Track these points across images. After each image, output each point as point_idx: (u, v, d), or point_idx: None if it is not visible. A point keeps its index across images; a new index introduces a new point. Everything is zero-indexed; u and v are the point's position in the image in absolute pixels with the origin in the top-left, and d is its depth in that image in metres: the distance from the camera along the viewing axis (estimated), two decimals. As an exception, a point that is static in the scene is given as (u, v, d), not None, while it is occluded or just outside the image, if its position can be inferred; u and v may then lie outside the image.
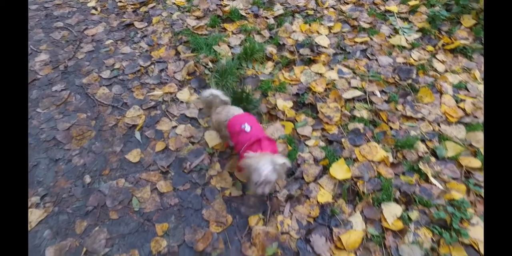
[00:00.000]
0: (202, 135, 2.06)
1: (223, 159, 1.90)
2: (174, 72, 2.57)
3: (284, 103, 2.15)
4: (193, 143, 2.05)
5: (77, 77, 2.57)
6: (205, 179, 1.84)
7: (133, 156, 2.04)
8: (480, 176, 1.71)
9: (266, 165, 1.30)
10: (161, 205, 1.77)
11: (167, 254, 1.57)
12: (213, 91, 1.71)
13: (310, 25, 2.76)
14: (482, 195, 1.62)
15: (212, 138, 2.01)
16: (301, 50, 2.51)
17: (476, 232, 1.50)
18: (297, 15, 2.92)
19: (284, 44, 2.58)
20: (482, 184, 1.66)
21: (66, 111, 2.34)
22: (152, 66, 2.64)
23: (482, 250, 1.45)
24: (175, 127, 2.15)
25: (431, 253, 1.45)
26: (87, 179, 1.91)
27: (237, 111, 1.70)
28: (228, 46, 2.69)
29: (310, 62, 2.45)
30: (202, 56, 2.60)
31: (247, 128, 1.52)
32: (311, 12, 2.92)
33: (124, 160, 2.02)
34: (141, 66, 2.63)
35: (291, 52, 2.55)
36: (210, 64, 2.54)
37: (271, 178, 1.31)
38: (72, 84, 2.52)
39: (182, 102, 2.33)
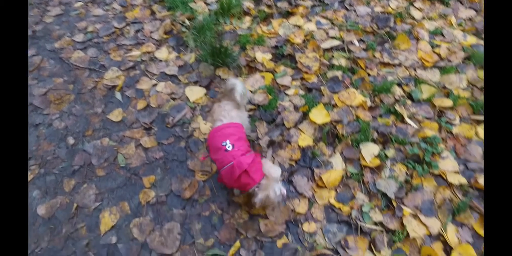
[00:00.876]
0: (183, 91, 1.67)
1: (205, 112, 1.57)
2: (151, 32, 2.05)
3: (263, 56, 1.75)
4: (174, 99, 1.67)
5: (48, 42, 2.01)
6: (188, 132, 1.53)
7: (115, 115, 1.67)
8: (451, 115, 1.47)
9: (275, 192, 1.00)
10: (146, 159, 1.47)
11: (155, 204, 1.34)
12: (238, 85, 1.19)
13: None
14: (452, 131, 1.41)
15: (193, 93, 1.64)
16: (279, 4, 2.01)
17: (445, 164, 1.31)
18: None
19: (261, -1, 2.14)
20: (453, 122, 1.43)
21: (40, 76, 1.84)
22: (128, 27, 2.09)
23: (449, 179, 1.27)
24: (155, 85, 1.73)
25: (405, 185, 1.27)
26: (70, 140, 1.56)
27: (227, 118, 1.18)
28: (205, 3, 2.13)
29: (288, 15, 1.97)
30: (179, 14, 2.06)
31: (229, 146, 1.09)
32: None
33: (107, 120, 1.65)
34: (115, 28, 2.06)
35: (269, 6, 2.04)
36: (187, 22, 2.04)
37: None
38: (44, 49, 1.97)
39: (161, 60, 1.87)
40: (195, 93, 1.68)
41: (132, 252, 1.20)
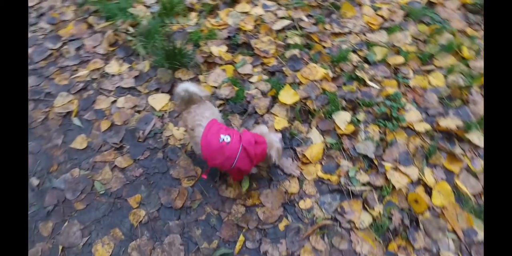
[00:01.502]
0: (146, 102, 1.58)
1: (174, 118, 1.51)
2: (94, 47, 1.90)
3: (218, 49, 1.70)
4: (139, 111, 1.56)
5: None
6: (162, 141, 1.46)
7: (79, 143, 1.54)
8: (405, 70, 1.56)
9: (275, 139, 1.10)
10: (126, 179, 1.38)
11: (149, 221, 1.28)
12: (189, 87, 1.13)
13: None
14: (410, 85, 1.51)
15: (156, 101, 1.56)
16: (221, -7, 2.05)
17: (410, 115, 1.41)
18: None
19: (202, -9, 2.05)
20: (408, 76, 1.53)
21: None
22: (66, 46, 1.89)
23: (416, 128, 1.37)
24: (114, 101, 1.61)
25: (381, 143, 1.35)
26: (35, 181, 1.39)
27: (206, 112, 1.14)
28: (144, 5, 1.99)
29: (233, 3, 1.91)
30: (120, 23, 1.91)
31: (227, 138, 1.05)
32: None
33: (71, 150, 1.51)
34: (51, 49, 1.86)
35: None
36: (131, 29, 1.91)
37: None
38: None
39: (113, 75, 1.74)
40: (159, 101, 1.60)
41: (138, 276, 1.17)
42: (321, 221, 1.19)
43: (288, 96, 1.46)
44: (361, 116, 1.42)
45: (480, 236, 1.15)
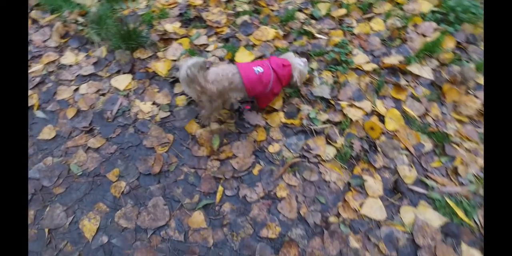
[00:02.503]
0: (109, 84, 1.60)
1: (139, 94, 1.55)
2: (44, 41, 1.87)
3: (172, 26, 1.73)
4: (103, 94, 1.58)
5: None
6: (131, 117, 1.49)
7: (47, 133, 1.54)
8: (348, 20, 1.70)
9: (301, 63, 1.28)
10: (102, 158, 1.40)
11: (130, 191, 1.33)
12: (189, 63, 1.09)
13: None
14: (354, 32, 1.65)
15: (119, 82, 1.58)
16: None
17: (358, 58, 1.55)
18: None
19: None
20: (352, 25, 1.68)
21: None
22: None
23: (365, 68, 1.51)
24: (77, 89, 1.61)
25: (335, 85, 1.48)
26: None
27: (228, 66, 1.26)
28: None
29: None
30: (67, 14, 1.89)
31: (260, 69, 1.23)
32: None
33: (39, 142, 1.50)
34: None
35: None
36: (81, 19, 1.94)
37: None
38: None
39: (71, 65, 1.73)
40: (122, 82, 1.63)
41: (129, 240, 1.19)
42: (291, 160, 1.30)
43: (243, 56, 1.55)
44: (314, 65, 1.54)
45: (427, 148, 1.32)
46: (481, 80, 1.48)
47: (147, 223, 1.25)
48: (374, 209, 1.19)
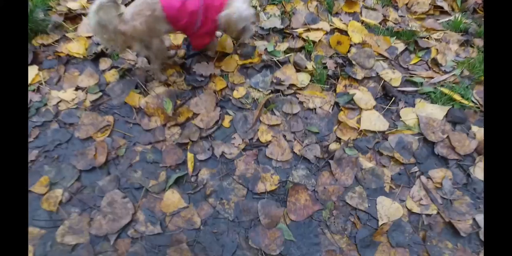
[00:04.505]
0: None
1: (54, 84, 1.35)
2: None
3: (77, 3, 1.66)
4: None
5: None
6: (51, 112, 1.27)
7: None
8: None
9: (241, 3, 1.11)
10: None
11: (72, 197, 1.08)
12: (95, 6, 1.02)
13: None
14: None
15: None
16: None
17: None
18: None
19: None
20: None
21: None
22: None
23: None
24: None
25: (284, 16, 1.48)
26: None
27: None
28: None
29: None
30: None
31: None
32: None
33: None
34: None
35: None
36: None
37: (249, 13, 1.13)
38: None
39: None
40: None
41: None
42: (263, 99, 1.23)
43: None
44: (255, 1, 1.56)
45: (400, 48, 1.37)
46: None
47: (105, 227, 1.03)
48: (373, 121, 1.16)
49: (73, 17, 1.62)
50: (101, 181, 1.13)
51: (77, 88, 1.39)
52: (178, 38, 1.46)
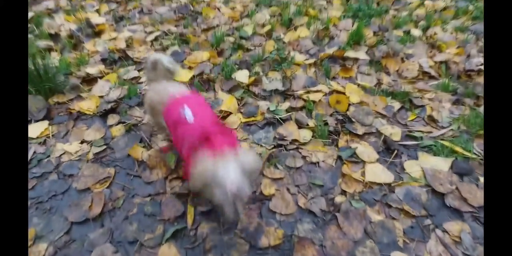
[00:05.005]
0: None
1: (61, 137, 1.83)
2: None
3: (95, 68, 2.42)
4: None
5: None
6: (52, 163, 1.71)
7: None
8: (276, 33, 2.76)
9: (230, 173, 1.03)
10: None
11: (57, 252, 1.33)
12: (156, 56, 1.49)
13: None
14: (285, 41, 2.60)
15: (33, 131, 1.88)
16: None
17: (297, 58, 2.40)
18: None
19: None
20: (280, 37, 2.67)
21: None
22: None
23: (307, 63, 2.33)
24: None
25: (285, 80, 2.17)
26: None
27: (177, 88, 1.43)
28: None
29: (95, 34, 2.88)
30: None
31: (189, 115, 1.22)
32: None
33: None
34: None
35: (70, 36, 2.85)
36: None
37: (242, 191, 1.03)
38: None
39: None
40: (35, 130, 1.96)
41: None
42: (266, 153, 1.67)
43: (182, 76, 2.18)
44: (257, 68, 2.34)
45: (396, 107, 1.93)
46: (408, 50, 2.44)
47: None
48: (377, 173, 1.54)
49: (90, 80, 2.31)
50: (92, 234, 1.40)
51: (82, 141, 1.88)
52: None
